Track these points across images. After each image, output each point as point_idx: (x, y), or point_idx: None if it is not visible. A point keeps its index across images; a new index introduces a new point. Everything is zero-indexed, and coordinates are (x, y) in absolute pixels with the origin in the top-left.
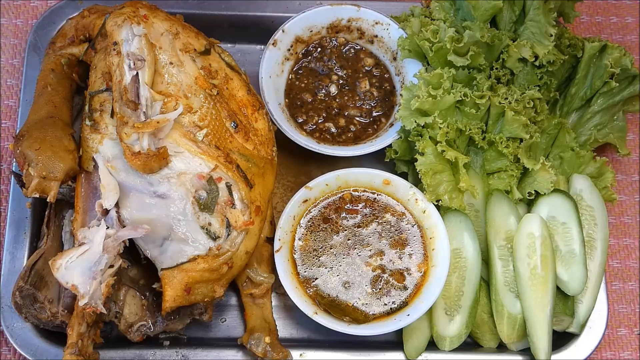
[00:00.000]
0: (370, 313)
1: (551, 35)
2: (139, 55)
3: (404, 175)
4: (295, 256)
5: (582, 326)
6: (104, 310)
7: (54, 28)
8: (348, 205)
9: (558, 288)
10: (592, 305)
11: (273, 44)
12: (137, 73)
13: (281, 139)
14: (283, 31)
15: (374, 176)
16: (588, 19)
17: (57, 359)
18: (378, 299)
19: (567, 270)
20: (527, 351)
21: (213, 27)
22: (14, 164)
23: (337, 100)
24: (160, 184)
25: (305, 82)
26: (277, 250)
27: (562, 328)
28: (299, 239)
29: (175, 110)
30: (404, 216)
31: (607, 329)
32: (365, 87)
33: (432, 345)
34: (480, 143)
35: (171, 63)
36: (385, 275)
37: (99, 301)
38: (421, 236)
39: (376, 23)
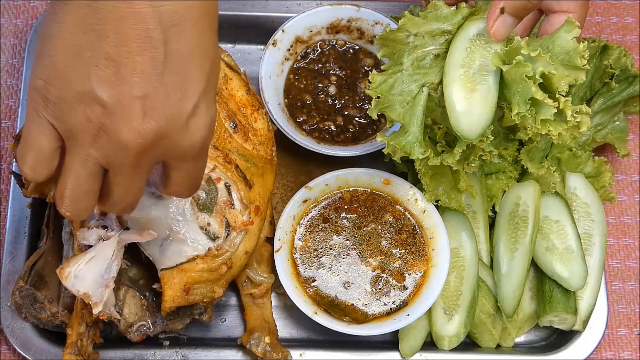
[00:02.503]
0: (370, 313)
1: None
2: None
3: (403, 175)
4: (295, 256)
5: (585, 322)
6: (118, 317)
7: None
8: (348, 205)
9: (559, 286)
10: (593, 302)
11: (273, 44)
12: None
13: (281, 139)
14: (283, 31)
15: (374, 176)
16: (588, 19)
17: (57, 359)
18: (378, 299)
19: (566, 267)
20: (526, 351)
21: None
22: (14, 164)
23: (337, 100)
24: None
25: (305, 82)
26: (277, 250)
27: (568, 326)
28: (299, 239)
29: None
30: (404, 216)
31: (607, 329)
32: (365, 87)
33: (431, 345)
34: None
35: None
36: (385, 275)
37: (113, 308)
38: (421, 236)
39: (376, 23)
